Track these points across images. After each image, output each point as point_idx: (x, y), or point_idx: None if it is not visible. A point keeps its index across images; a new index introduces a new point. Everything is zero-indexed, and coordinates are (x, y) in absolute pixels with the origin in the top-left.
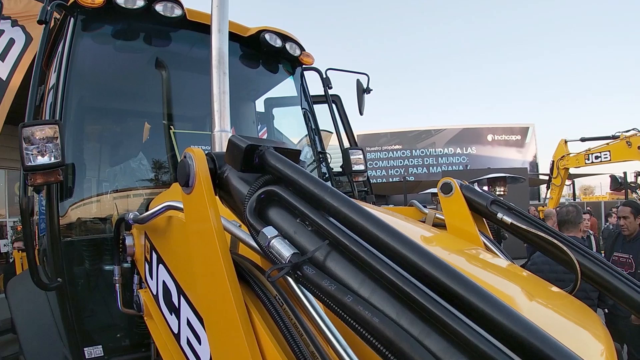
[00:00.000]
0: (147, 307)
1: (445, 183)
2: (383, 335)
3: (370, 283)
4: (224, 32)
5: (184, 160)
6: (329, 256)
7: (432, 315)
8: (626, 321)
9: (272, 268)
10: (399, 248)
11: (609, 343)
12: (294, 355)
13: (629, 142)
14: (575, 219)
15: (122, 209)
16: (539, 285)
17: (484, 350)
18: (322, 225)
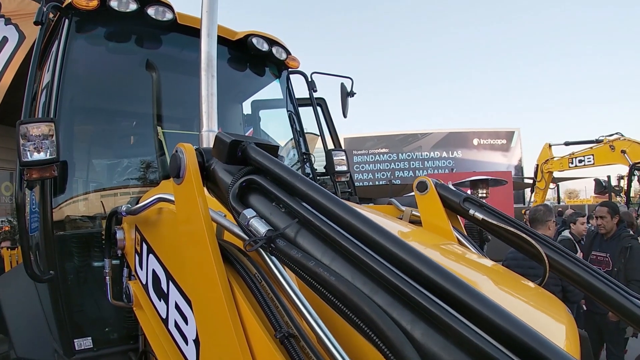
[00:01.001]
0: (137, 297)
1: (421, 182)
2: (338, 290)
3: (331, 253)
4: (212, 36)
5: (175, 154)
6: (298, 232)
7: (380, 277)
8: (603, 318)
9: (249, 240)
10: (355, 223)
11: (573, 328)
12: (270, 325)
13: (612, 146)
14: (542, 217)
15: (112, 206)
16: (508, 276)
17: (424, 305)
18: (293, 207)
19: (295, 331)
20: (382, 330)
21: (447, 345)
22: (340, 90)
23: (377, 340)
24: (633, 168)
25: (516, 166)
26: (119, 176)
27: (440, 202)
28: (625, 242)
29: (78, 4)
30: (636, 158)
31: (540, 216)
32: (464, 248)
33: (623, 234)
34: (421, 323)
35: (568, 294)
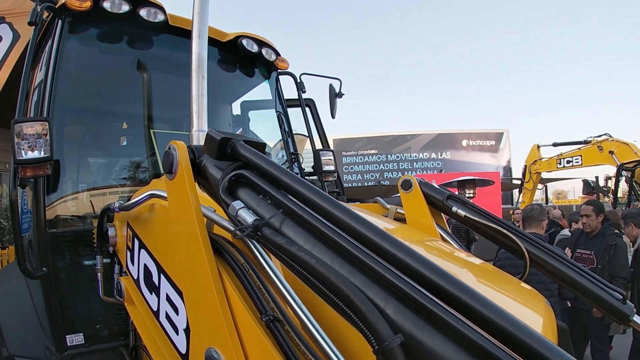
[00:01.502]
0: (128, 292)
1: (405, 180)
2: (318, 272)
3: (313, 239)
4: (203, 38)
5: (168, 151)
6: (283, 221)
7: (357, 260)
8: (588, 314)
9: (237, 228)
10: (335, 212)
11: (550, 319)
12: (257, 309)
13: (600, 147)
14: (538, 216)
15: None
16: (488, 270)
17: (397, 285)
18: (278, 198)
19: (280, 316)
20: (358, 306)
21: (418, 320)
22: (329, 91)
23: (353, 315)
24: (620, 169)
25: (505, 167)
26: (110, 175)
27: (424, 200)
28: (609, 240)
29: (71, 4)
30: (624, 159)
31: (537, 215)
32: (447, 244)
33: (608, 232)
34: (394, 301)
35: (562, 290)
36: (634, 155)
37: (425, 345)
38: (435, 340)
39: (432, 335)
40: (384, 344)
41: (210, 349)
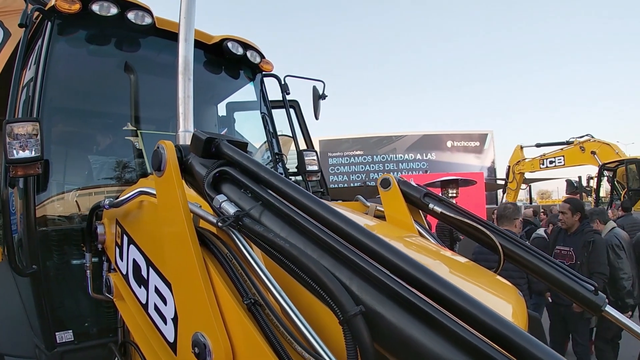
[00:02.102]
0: (117, 288)
1: (384, 179)
2: (292, 255)
3: (288, 228)
4: (189, 41)
5: (157, 150)
6: (262, 212)
7: (326, 244)
8: (568, 309)
9: (220, 218)
10: (308, 203)
11: (521, 308)
12: (239, 295)
13: (582, 147)
14: (511, 215)
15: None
16: (464, 264)
17: (360, 265)
18: (257, 192)
19: (261, 300)
20: (325, 283)
21: (378, 295)
22: (312, 93)
23: (322, 291)
24: (602, 168)
25: (489, 168)
26: (98, 175)
27: (402, 197)
28: (588, 237)
29: (61, 7)
30: (606, 159)
31: (509, 213)
32: (424, 239)
33: (586, 229)
34: (358, 279)
35: (532, 284)
36: (616, 155)
37: (385, 317)
38: (394, 312)
39: (391, 308)
40: (347, 313)
41: (197, 334)
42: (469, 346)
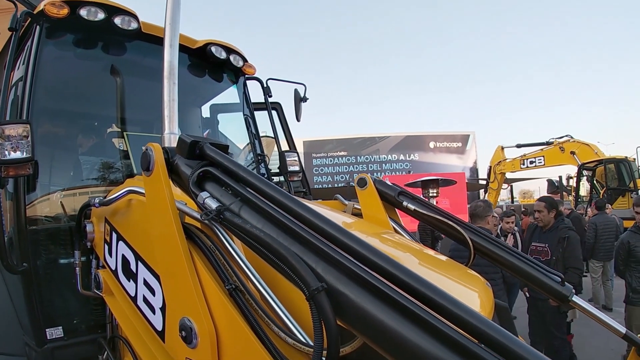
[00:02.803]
0: (107, 283)
1: (361, 178)
2: (266, 242)
3: (263, 220)
4: (174, 46)
5: (146, 152)
6: (241, 207)
7: (296, 234)
8: (545, 303)
9: (204, 212)
10: (281, 198)
11: (488, 297)
12: (222, 282)
13: (562, 148)
14: (482, 212)
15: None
16: (436, 258)
17: (324, 250)
18: (236, 189)
19: (241, 287)
20: (294, 265)
21: (340, 276)
22: (294, 96)
23: (290, 272)
24: (581, 168)
25: (471, 168)
26: (85, 175)
27: (378, 196)
28: (562, 233)
29: (49, 11)
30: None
31: (481, 211)
32: (399, 235)
33: (561, 225)
34: (322, 263)
35: (507, 279)
36: (595, 155)
37: (345, 294)
38: (353, 290)
39: (351, 287)
40: (311, 288)
41: (184, 318)
42: (419, 318)
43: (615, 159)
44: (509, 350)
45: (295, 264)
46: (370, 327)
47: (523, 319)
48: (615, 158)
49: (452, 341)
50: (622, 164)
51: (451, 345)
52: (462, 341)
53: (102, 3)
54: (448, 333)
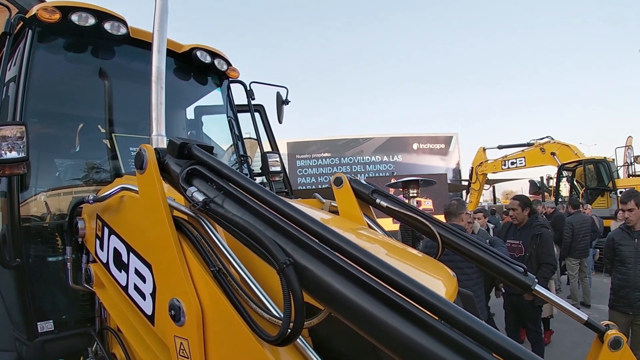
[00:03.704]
0: (98, 276)
1: (337, 177)
2: (244, 228)
3: (242, 210)
4: (162, 52)
5: (139, 152)
6: (224, 200)
7: (269, 220)
8: (519, 298)
9: (191, 204)
10: (257, 191)
11: (452, 286)
12: (207, 265)
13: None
14: (456, 210)
15: (69, 202)
16: (402, 249)
17: (293, 234)
18: (220, 184)
19: (224, 270)
20: (266, 244)
21: (306, 254)
22: (276, 99)
23: (264, 251)
24: (561, 169)
25: (454, 169)
26: (75, 175)
27: (353, 194)
28: (536, 230)
29: (41, 16)
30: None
31: (454, 209)
32: (372, 230)
33: (534, 223)
34: (292, 244)
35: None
36: (575, 156)
37: (311, 270)
38: (317, 266)
39: (315, 264)
40: (280, 262)
41: (173, 299)
42: (373, 290)
43: (594, 159)
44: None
45: (268, 244)
46: (332, 298)
47: (502, 315)
48: (594, 159)
49: (403, 309)
50: (601, 164)
51: (402, 312)
52: (411, 308)
53: (93, 9)
54: (402, 304)
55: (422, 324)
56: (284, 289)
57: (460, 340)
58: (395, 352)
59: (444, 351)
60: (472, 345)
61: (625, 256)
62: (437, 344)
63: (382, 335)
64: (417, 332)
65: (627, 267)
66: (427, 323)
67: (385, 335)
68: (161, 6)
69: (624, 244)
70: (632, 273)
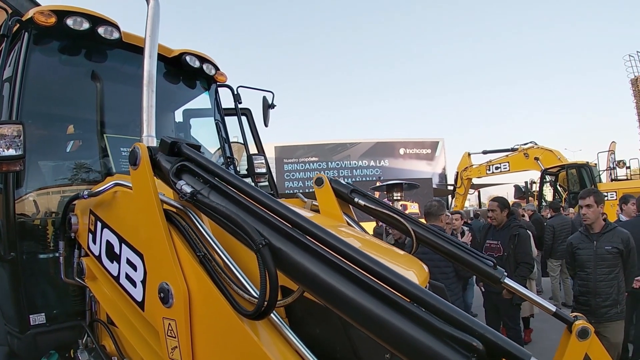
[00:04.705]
0: (90, 269)
1: (318, 178)
2: (226, 214)
3: (226, 200)
4: (153, 57)
5: (133, 150)
6: (209, 192)
7: (249, 209)
8: (498, 296)
9: (180, 195)
10: (238, 183)
11: (423, 278)
12: (195, 255)
13: (526, 154)
14: (436, 211)
15: (60, 201)
16: (381, 245)
17: (271, 221)
18: (206, 178)
19: (209, 256)
20: (245, 227)
21: (280, 237)
22: (262, 103)
23: (243, 234)
24: (544, 173)
25: (440, 174)
26: (67, 175)
27: (333, 193)
28: (513, 231)
29: (38, 19)
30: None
31: (434, 210)
32: (350, 227)
33: (512, 224)
34: (268, 229)
35: (460, 272)
36: (558, 161)
37: (285, 252)
38: (290, 247)
39: (288, 245)
40: (256, 242)
41: (162, 283)
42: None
43: (576, 164)
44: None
45: (246, 227)
46: (304, 276)
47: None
48: (576, 163)
49: (367, 285)
50: (584, 168)
51: (365, 288)
52: (374, 285)
53: (87, 13)
54: (365, 280)
55: (384, 298)
56: (260, 267)
57: (418, 312)
58: (361, 324)
59: (404, 323)
60: (430, 316)
61: (583, 260)
62: (398, 315)
63: (348, 308)
64: (380, 305)
65: (587, 272)
66: (388, 297)
67: (352, 309)
68: (153, 13)
69: (582, 248)
70: (592, 278)
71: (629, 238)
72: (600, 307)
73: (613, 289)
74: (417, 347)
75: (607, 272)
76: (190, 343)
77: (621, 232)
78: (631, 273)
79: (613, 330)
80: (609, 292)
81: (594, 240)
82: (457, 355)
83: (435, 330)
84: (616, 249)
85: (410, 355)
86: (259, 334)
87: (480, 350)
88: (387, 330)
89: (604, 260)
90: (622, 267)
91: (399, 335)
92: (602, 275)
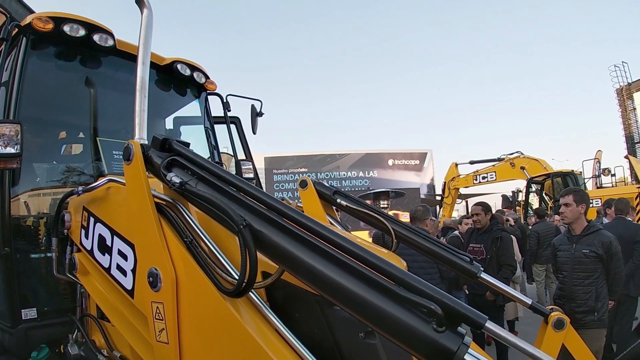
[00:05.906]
0: (82, 264)
1: (302, 180)
2: (212, 201)
3: (211, 190)
4: (146, 64)
5: (127, 146)
6: (197, 182)
7: (233, 196)
8: (482, 298)
9: (170, 185)
10: (224, 175)
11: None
12: (183, 241)
13: (512, 163)
14: (421, 216)
15: (53, 200)
16: (362, 241)
17: (252, 207)
18: (194, 170)
19: (196, 243)
20: (227, 211)
21: (261, 222)
22: (251, 111)
23: (227, 218)
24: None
25: (428, 185)
26: (60, 176)
27: (317, 195)
28: (496, 234)
29: (36, 25)
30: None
31: (420, 215)
32: (332, 226)
33: (495, 227)
34: (249, 213)
35: (443, 273)
36: (544, 170)
37: (265, 234)
38: (269, 229)
39: (269, 228)
40: (238, 224)
41: (152, 268)
42: (318, 250)
43: (562, 172)
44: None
45: (228, 210)
46: (282, 255)
47: None
48: (562, 171)
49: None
50: (569, 176)
51: (336, 262)
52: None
53: (84, 21)
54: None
55: (353, 270)
56: (242, 247)
57: (382, 282)
58: (330, 295)
59: (370, 292)
60: (393, 286)
61: (561, 262)
62: (364, 285)
63: (319, 281)
64: (348, 277)
65: (564, 275)
66: (355, 269)
67: (322, 282)
68: (146, 23)
69: (561, 250)
70: (568, 282)
71: (610, 243)
72: (574, 312)
73: (590, 295)
74: (382, 313)
75: (584, 277)
76: (177, 324)
77: (603, 236)
78: (615, 281)
79: (590, 338)
80: (584, 298)
81: (574, 242)
82: (417, 319)
83: (397, 297)
84: (594, 253)
85: (375, 320)
86: (241, 313)
87: (439, 314)
88: (355, 299)
89: (580, 264)
90: (602, 273)
91: (366, 303)
92: (578, 279)
